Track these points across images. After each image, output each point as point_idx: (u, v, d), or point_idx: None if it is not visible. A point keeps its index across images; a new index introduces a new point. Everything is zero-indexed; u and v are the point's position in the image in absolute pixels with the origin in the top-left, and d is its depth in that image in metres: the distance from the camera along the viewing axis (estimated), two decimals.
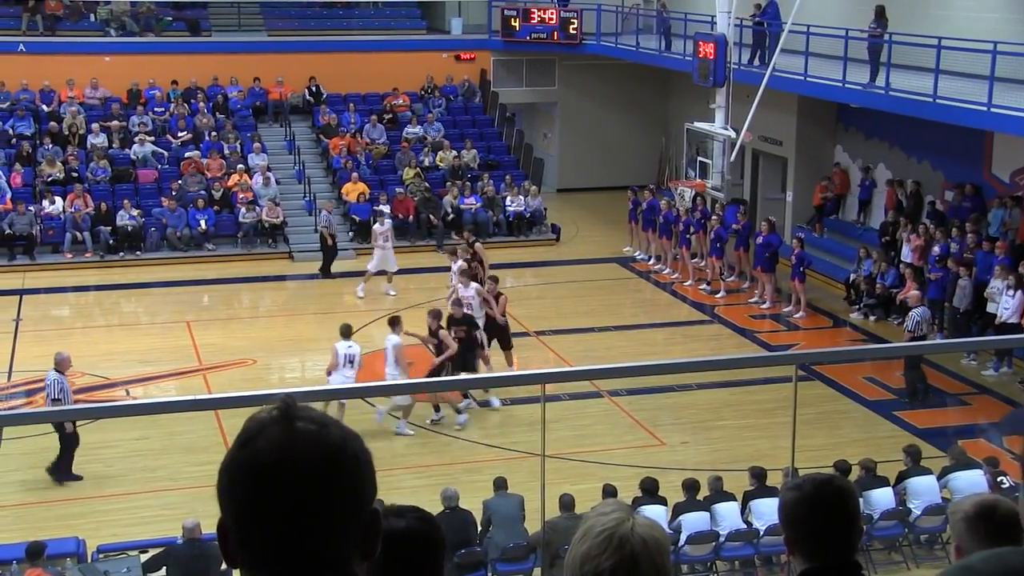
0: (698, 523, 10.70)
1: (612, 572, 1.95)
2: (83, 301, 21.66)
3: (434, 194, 24.61)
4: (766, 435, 13.64)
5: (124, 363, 16.83)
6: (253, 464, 1.39)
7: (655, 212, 22.65)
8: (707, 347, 17.71)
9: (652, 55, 25.69)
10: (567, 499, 10.26)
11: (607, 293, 20.79)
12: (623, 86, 28.93)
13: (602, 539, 1.96)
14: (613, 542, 1.95)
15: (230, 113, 26.44)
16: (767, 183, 24.77)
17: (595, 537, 1.97)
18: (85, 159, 24.48)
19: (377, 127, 26.43)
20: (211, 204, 23.54)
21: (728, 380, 15.32)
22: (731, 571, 11.18)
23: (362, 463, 1.41)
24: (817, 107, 22.32)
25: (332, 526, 1.39)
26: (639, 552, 1.95)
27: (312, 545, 1.39)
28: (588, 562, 1.96)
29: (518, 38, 27.92)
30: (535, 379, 10.00)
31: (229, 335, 18.52)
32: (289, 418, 1.42)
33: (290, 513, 1.38)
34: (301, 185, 25.14)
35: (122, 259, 22.56)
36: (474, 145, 26.60)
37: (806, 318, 19.21)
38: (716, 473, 11.50)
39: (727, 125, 21.47)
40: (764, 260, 19.68)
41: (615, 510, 2.03)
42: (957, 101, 16.97)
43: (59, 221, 22.80)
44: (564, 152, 29.54)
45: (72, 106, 25.32)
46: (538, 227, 25.03)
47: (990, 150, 19.18)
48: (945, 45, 17.51)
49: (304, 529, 1.38)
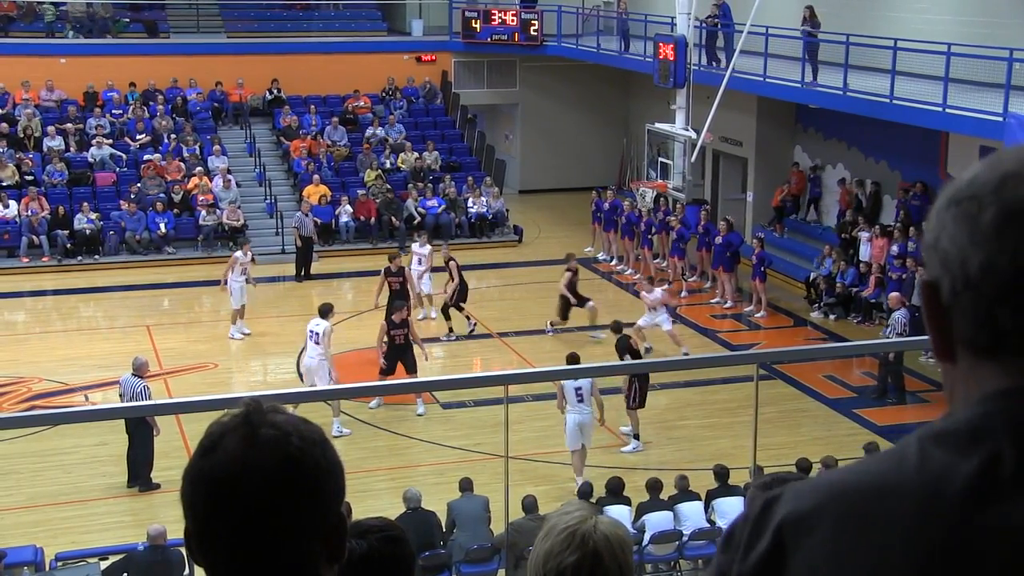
0: (661, 523, 10.75)
1: (575, 568, 1.95)
2: (40, 306, 21.39)
3: (396, 196, 24.56)
4: (728, 434, 13.74)
5: (83, 368, 16.64)
6: (212, 473, 1.39)
7: (617, 213, 22.75)
8: (669, 347, 17.80)
9: (613, 56, 25.80)
10: (530, 501, 10.28)
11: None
12: (584, 87, 29.02)
13: (564, 536, 1.97)
14: (576, 539, 1.96)
15: (189, 115, 26.21)
16: (727, 184, 24.95)
17: (558, 535, 1.98)
18: (41, 162, 24.17)
19: (338, 129, 26.33)
20: (171, 207, 23.33)
21: (690, 380, 15.41)
22: (694, 570, 11.24)
23: (323, 470, 1.41)
24: (776, 108, 22.52)
25: (294, 533, 1.39)
26: (602, 549, 1.96)
27: (274, 552, 1.39)
28: (551, 559, 1.96)
29: (479, 39, 27.92)
30: (498, 380, 9.99)
31: (190, 339, 18.36)
32: (251, 424, 1.41)
33: (250, 521, 1.37)
34: (262, 188, 24.98)
35: (80, 263, 22.30)
36: (436, 147, 26.56)
37: (767, 317, 19.36)
38: (681, 472, 11.56)
39: (687, 126, 21.60)
40: (724, 260, 19.82)
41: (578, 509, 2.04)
42: (913, 102, 17.19)
43: (14, 225, 22.49)
44: (526, 153, 29.58)
45: (27, 108, 24.99)
46: (500, 228, 25.04)
47: (945, 150, 19.45)
48: (901, 47, 17.74)
49: (265, 537, 1.38)
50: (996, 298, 1.06)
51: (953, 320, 1.10)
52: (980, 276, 1.06)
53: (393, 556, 2.21)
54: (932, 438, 1.09)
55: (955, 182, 1.12)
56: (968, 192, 1.09)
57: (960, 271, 1.08)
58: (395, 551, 2.22)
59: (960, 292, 1.08)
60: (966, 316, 1.08)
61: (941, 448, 1.07)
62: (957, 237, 1.08)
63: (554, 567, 1.97)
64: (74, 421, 13.37)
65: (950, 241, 1.09)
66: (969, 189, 1.09)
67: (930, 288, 1.11)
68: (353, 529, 2.16)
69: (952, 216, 1.09)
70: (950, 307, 1.09)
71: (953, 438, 1.07)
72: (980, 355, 1.09)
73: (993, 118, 15.44)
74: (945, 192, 1.13)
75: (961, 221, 1.08)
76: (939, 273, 1.10)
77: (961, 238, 1.07)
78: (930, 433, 1.09)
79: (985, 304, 1.06)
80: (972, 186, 1.09)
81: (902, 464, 1.08)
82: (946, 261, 1.09)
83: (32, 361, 17.10)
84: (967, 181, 1.10)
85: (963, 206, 1.08)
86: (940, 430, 1.09)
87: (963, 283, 1.08)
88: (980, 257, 1.06)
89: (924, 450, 1.08)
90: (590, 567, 1.96)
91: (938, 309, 1.10)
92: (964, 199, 1.09)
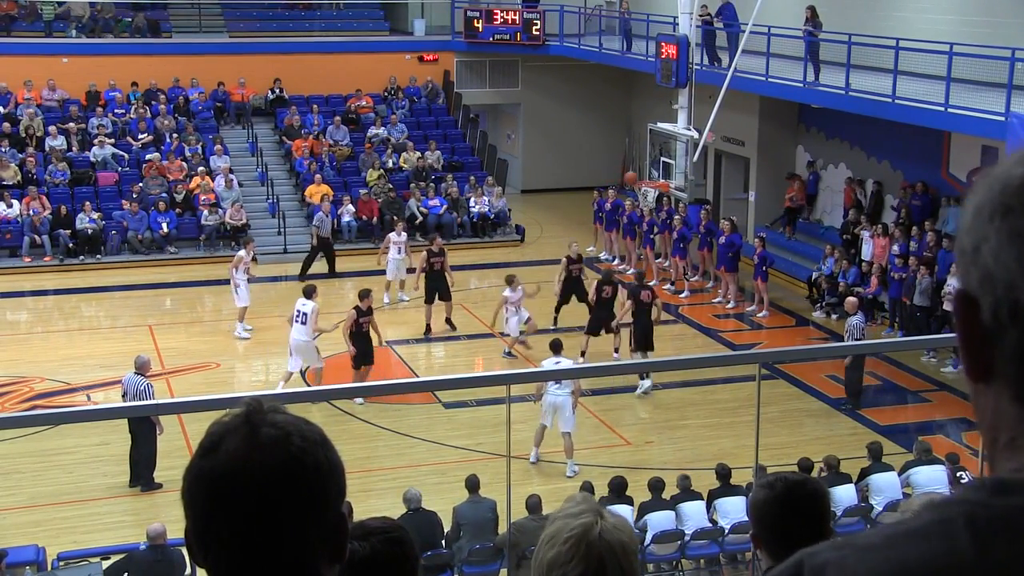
0: (663, 522, 10.74)
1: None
2: (42, 305, 21.40)
3: (398, 196, 24.56)
4: (730, 434, 13.73)
5: (85, 368, 16.65)
6: (213, 473, 1.39)
7: (619, 213, 22.75)
8: (671, 347, 17.79)
9: (615, 56, 25.79)
10: (533, 501, 10.26)
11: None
12: (586, 87, 29.00)
13: (570, 546, 1.96)
14: (580, 549, 1.95)
15: (191, 115, 26.22)
16: (729, 183, 24.94)
17: (563, 544, 1.97)
18: (43, 162, 24.18)
19: (340, 129, 26.33)
20: (173, 207, 23.34)
21: (692, 379, 15.41)
22: (696, 570, 11.23)
23: (325, 470, 1.41)
24: (778, 108, 22.50)
25: (294, 533, 1.39)
26: (607, 558, 1.96)
27: (274, 552, 1.38)
28: (556, 569, 1.96)
29: (481, 39, 27.91)
30: (500, 380, 10.00)
31: (192, 339, 18.36)
32: (252, 424, 1.41)
33: (250, 522, 1.37)
34: (264, 187, 24.98)
35: (82, 263, 22.31)
36: (438, 146, 26.56)
37: (769, 317, 19.35)
38: (683, 472, 11.55)
39: (690, 126, 21.58)
40: (727, 260, 19.81)
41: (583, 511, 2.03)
42: (915, 102, 17.18)
43: (16, 224, 22.50)
44: (528, 153, 29.57)
45: (29, 108, 25.00)
46: (502, 228, 25.04)
47: (948, 150, 19.44)
48: (903, 47, 17.72)
49: (266, 537, 1.38)
50: None
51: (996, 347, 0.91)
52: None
53: (396, 558, 2.20)
54: (986, 520, 0.88)
55: (1001, 179, 0.90)
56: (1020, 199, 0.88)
57: (1007, 297, 0.88)
58: (398, 552, 2.21)
59: (1006, 323, 0.89)
60: (1015, 357, 0.89)
61: (1000, 537, 0.87)
62: (1004, 256, 0.88)
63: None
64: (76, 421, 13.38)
65: (994, 258, 0.89)
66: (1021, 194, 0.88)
67: (967, 302, 0.92)
68: (355, 530, 2.15)
69: (997, 229, 0.88)
70: (991, 330, 0.91)
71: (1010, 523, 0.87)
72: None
73: (995, 118, 15.42)
74: (986, 190, 0.91)
75: (1010, 238, 0.87)
76: (979, 290, 0.91)
77: (1009, 258, 0.88)
78: (981, 511, 0.88)
79: None
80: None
81: (953, 548, 0.88)
82: (989, 279, 0.89)
83: (34, 361, 17.10)
84: (1021, 182, 0.88)
85: (1013, 219, 0.87)
86: (993, 510, 0.88)
87: (1010, 313, 0.88)
88: None
89: (979, 535, 0.87)
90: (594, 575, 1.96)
91: (976, 328, 0.92)
92: (1015, 209, 0.88)
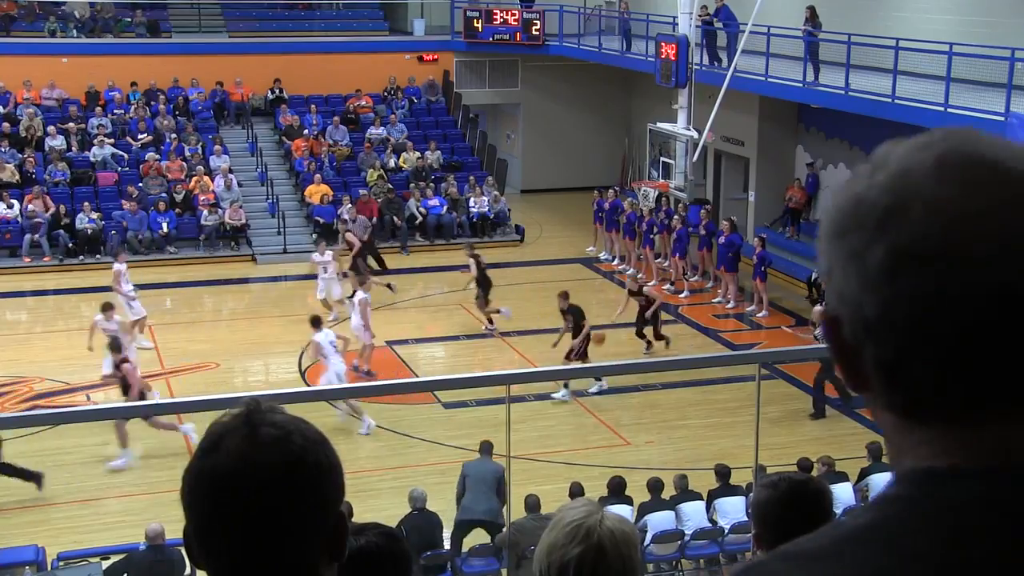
0: (663, 522, 10.75)
1: (579, 560, 1.96)
2: (42, 305, 21.40)
3: (398, 196, 24.56)
4: (730, 434, 13.73)
5: (85, 368, 16.64)
6: (213, 472, 1.39)
7: (618, 213, 22.75)
8: (671, 346, 17.79)
9: (614, 56, 25.79)
10: (532, 500, 10.27)
11: (571, 294, 20.82)
12: (586, 87, 29.01)
13: (570, 529, 1.97)
14: (580, 532, 1.97)
15: (191, 115, 26.22)
16: (729, 183, 24.94)
17: (563, 528, 1.99)
18: (43, 162, 24.18)
19: (340, 129, 26.33)
20: (172, 207, 23.34)
21: (692, 379, 15.40)
22: (696, 570, 11.24)
23: (325, 469, 1.41)
24: (778, 108, 22.50)
25: (295, 533, 1.39)
26: (606, 543, 1.97)
27: (275, 552, 1.38)
28: (555, 551, 1.97)
29: (481, 39, 27.91)
30: (500, 380, 10.00)
31: (192, 339, 18.36)
32: (252, 424, 1.41)
33: (251, 521, 1.37)
34: (264, 187, 24.98)
35: (82, 263, 22.30)
36: (438, 147, 26.56)
37: (769, 317, 19.35)
38: (681, 472, 11.56)
39: (689, 126, 21.59)
40: (726, 260, 19.82)
41: (584, 505, 2.05)
42: (914, 102, 17.19)
43: (15, 224, 22.50)
44: (528, 153, 29.57)
45: (29, 108, 25.00)
46: (502, 228, 25.04)
47: None
48: (903, 47, 17.73)
49: (266, 537, 1.38)
50: (901, 354, 0.91)
51: (861, 360, 0.95)
52: (879, 329, 0.92)
53: (391, 552, 2.21)
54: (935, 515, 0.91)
55: (837, 203, 0.96)
56: (853, 223, 0.93)
57: (857, 314, 0.93)
58: (392, 547, 2.22)
59: (862, 338, 0.94)
60: (875, 369, 0.94)
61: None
62: (847, 276, 0.93)
63: (558, 559, 1.97)
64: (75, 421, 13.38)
65: (842, 278, 0.94)
66: (855, 219, 0.93)
67: (831, 320, 0.97)
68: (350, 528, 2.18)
69: (838, 250, 0.94)
70: (853, 345, 0.95)
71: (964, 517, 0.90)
72: (901, 416, 0.95)
73: (995, 118, 15.43)
74: (828, 214, 0.97)
75: (849, 259, 0.93)
76: (838, 309, 0.96)
77: (851, 278, 0.93)
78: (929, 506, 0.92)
79: (891, 358, 0.92)
80: (858, 214, 0.93)
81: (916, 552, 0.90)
82: (842, 298, 0.95)
83: (34, 361, 17.11)
84: (852, 203, 0.94)
85: (850, 240, 0.93)
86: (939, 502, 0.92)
87: (864, 329, 0.93)
88: (876, 303, 0.91)
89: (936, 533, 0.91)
90: (593, 560, 1.96)
91: (841, 344, 0.96)
92: (850, 229, 0.93)
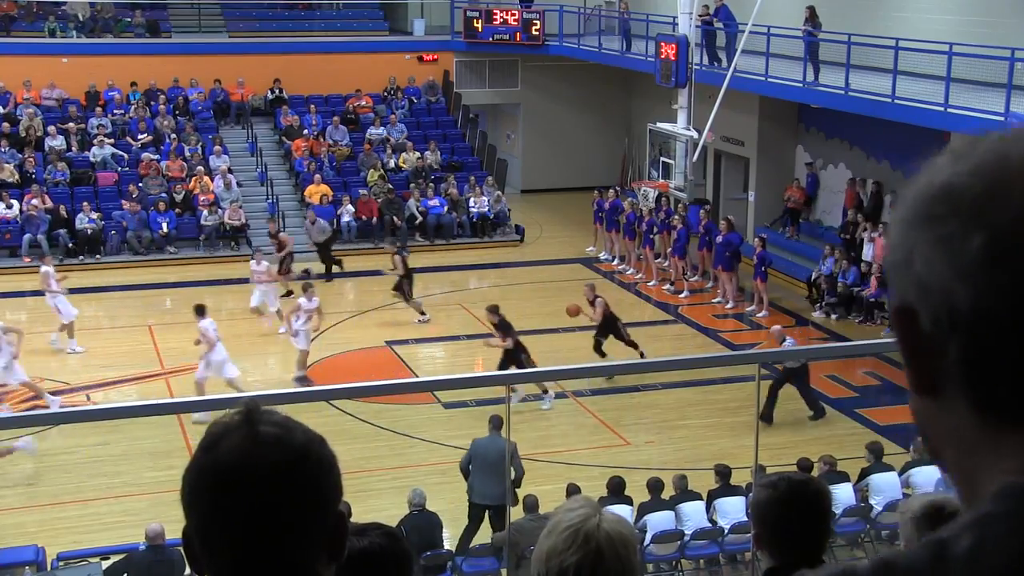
0: (663, 522, 10.75)
1: (577, 567, 1.95)
2: (42, 305, 21.35)
3: (398, 196, 24.56)
4: (730, 434, 13.73)
5: (85, 368, 16.65)
6: (215, 470, 1.39)
7: (618, 213, 22.76)
8: (671, 347, 17.80)
9: (614, 56, 25.79)
10: (531, 500, 10.27)
11: (571, 294, 20.78)
12: (586, 87, 29.00)
13: (568, 535, 1.97)
14: (579, 538, 1.96)
15: (191, 115, 26.22)
16: (729, 183, 24.94)
17: (561, 533, 1.98)
18: (43, 162, 24.17)
19: (340, 129, 26.33)
20: (172, 207, 23.34)
21: (692, 379, 15.40)
22: (696, 570, 11.24)
23: (325, 467, 1.41)
24: (778, 108, 22.50)
25: (296, 531, 1.39)
26: (604, 547, 1.96)
27: (276, 550, 1.38)
28: (554, 557, 1.97)
29: (481, 39, 27.91)
30: (500, 380, 10.02)
31: (192, 339, 18.33)
32: (252, 423, 1.41)
33: (253, 519, 1.37)
34: (263, 187, 24.98)
35: (82, 263, 22.30)
36: (438, 147, 26.56)
37: (768, 317, 19.34)
38: (681, 472, 11.56)
39: (689, 126, 21.59)
40: (724, 259, 19.81)
41: (582, 506, 2.04)
42: (914, 102, 17.19)
43: (15, 224, 22.50)
44: (528, 153, 29.57)
45: (29, 108, 25.00)
46: (502, 228, 25.04)
47: None
48: (903, 47, 17.73)
49: (267, 535, 1.38)
50: (995, 348, 0.83)
51: (941, 357, 0.87)
52: (974, 319, 0.83)
53: (393, 552, 2.22)
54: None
55: (922, 190, 0.89)
56: (945, 208, 0.86)
57: (944, 303, 0.85)
58: (394, 547, 2.23)
59: (946, 331, 0.85)
60: (962, 363, 0.86)
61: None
62: (935, 264, 0.85)
63: (556, 565, 1.97)
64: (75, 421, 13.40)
65: (926, 267, 0.86)
66: (947, 204, 0.86)
67: (906, 315, 0.89)
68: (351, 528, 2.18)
69: (925, 238, 0.86)
70: (934, 340, 0.87)
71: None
72: (993, 422, 0.85)
73: (995, 118, 15.42)
74: (910, 202, 0.89)
75: (938, 245, 0.85)
76: (916, 301, 0.88)
77: (940, 265, 0.85)
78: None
79: (982, 354, 0.84)
80: (951, 199, 0.86)
81: None
82: (925, 289, 0.87)
83: (34, 360, 17.08)
84: (941, 189, 0.87)
85: (938, 226, 0.85)
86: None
87: (949, 320, 0.85)
88: (969, 293, 0.83)
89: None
90: (592, 566, 1.96)
91: (918, 340, 0.88)
92: (939, 216, 0.86)
